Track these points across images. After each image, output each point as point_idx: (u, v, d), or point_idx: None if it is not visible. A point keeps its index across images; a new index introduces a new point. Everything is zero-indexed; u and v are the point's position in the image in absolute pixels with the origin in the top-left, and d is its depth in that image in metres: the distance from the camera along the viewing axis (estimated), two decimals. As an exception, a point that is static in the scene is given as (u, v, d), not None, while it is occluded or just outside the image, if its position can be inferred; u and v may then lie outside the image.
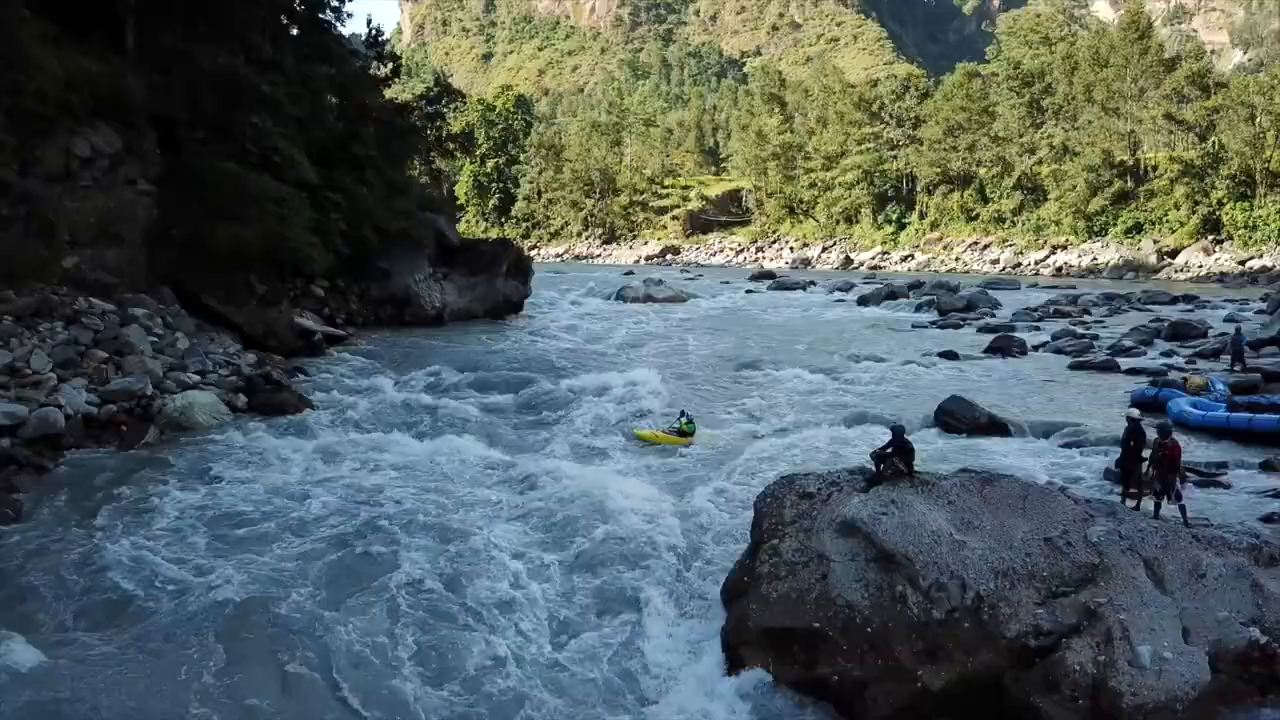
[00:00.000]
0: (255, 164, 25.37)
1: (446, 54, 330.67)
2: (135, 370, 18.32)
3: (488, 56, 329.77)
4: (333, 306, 30.27)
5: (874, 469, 9.51)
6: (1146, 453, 10.82)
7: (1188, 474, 13.88)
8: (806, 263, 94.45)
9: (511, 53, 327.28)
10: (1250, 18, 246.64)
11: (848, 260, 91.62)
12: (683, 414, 17.35)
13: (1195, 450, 15.14)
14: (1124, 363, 24.09)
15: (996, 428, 16.79)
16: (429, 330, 31.26)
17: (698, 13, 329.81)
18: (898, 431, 9.54)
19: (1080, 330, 30.78)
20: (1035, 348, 27.74)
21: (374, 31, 42.16)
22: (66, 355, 17.55)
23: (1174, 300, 40.83)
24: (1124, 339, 27.98)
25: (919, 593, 8.38)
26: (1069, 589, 8.26)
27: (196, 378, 19.41)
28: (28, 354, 16.84)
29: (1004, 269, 74.65)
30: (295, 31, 36.42)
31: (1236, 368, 21.12)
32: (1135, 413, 11.71)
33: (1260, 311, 34.73)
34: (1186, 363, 24.25)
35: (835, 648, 8.50)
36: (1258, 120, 61.71)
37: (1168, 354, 26.00)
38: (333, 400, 19.76)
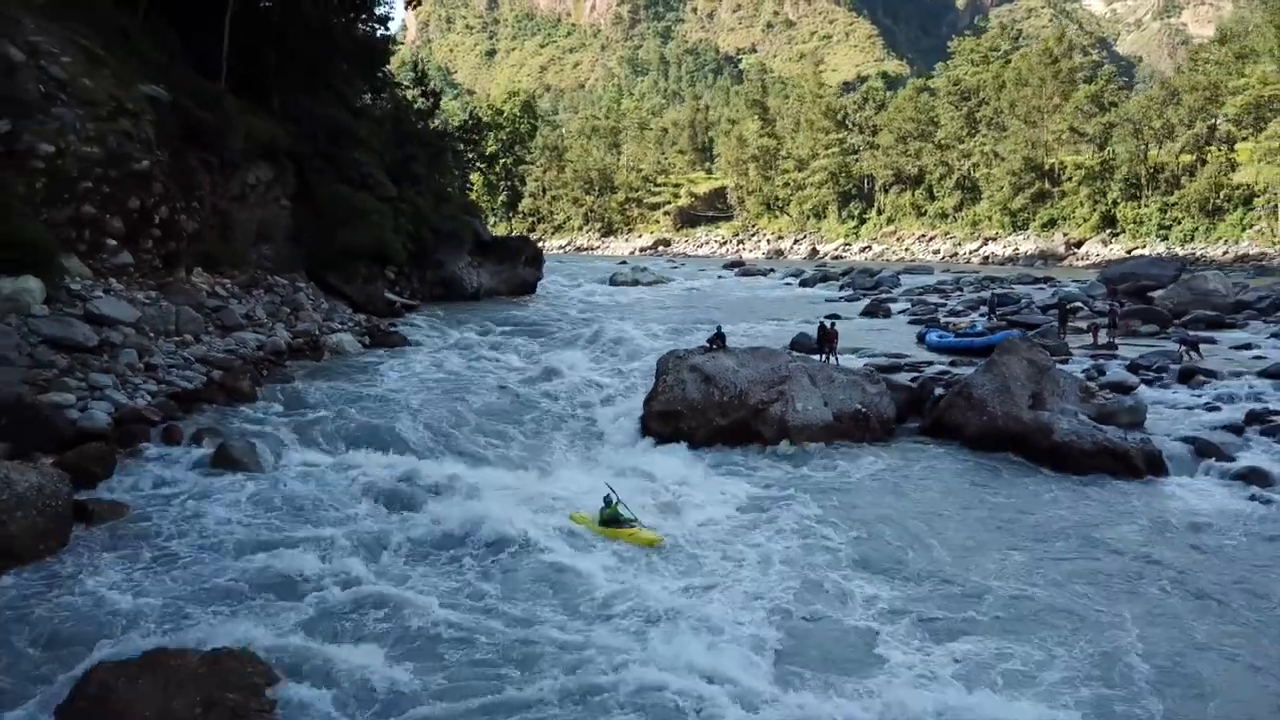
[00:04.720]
0: (357, 185, 37.08)
1: (450, 50, 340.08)
2: (306, 321, 30.01)
3: (491, 53, 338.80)
4: (400, 286, 41.90)
5: (707, 345, 21.30)
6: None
7: (904, 366, 25.75)
8: (780, 253, 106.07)
9: (514, 49, 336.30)
10: (1239, 12, 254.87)
11: (814, 251, 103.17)
12: (611, 499, 13.31)
13: (930, 359, 26.94)
14: (945, 320, 35.83)
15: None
16: (469, 304, 43.07)
17: (695, 10, 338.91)
18: (718, 326, 21.38)
19: (934, 300, 42.63)
20: (899, 312, 39.51)
21: (420, 72, 53.67)
22: (270, 310, 29.24)
23: (1035, 281, 52.19)
24: (957, 305, 39.84)
25: (719, 390, 20.07)
26: (776, 385, 20.01)
27: (339, 326, 31.08)
28: (252, 308, 28.61)
29: (943, 257, 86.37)
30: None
31: (991, 318, 33.03)
32: (824, 319, 23.49)
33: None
34: (989, 320, 35.97)
35: (687, 417, 20.13)
36: (1141, 134, 73.63)
37: (984, 315, 37.74)
38: (420, 342, 31.51)
